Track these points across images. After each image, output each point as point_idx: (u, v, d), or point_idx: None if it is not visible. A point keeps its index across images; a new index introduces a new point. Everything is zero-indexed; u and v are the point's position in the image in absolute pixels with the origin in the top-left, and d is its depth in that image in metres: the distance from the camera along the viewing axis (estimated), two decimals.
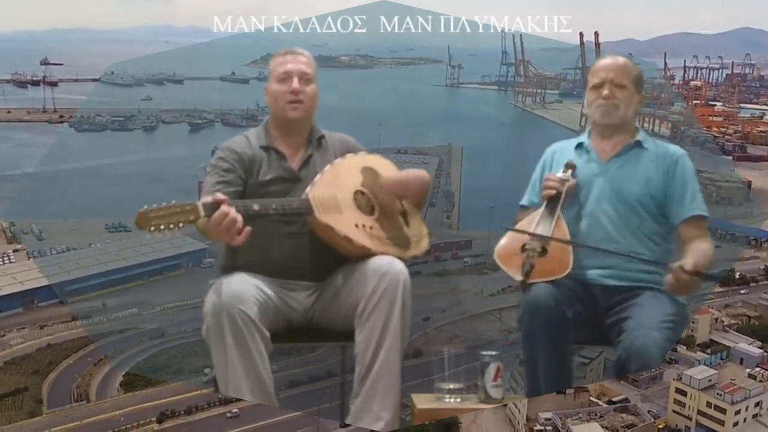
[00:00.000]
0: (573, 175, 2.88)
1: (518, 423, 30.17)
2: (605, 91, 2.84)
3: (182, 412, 31.48)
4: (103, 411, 31.44)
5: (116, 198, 53.11)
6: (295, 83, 2.76)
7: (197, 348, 35.14)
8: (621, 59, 2.93)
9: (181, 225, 2.32)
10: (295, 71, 2.77)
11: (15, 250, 45.98)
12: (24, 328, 37.93)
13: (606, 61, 2.92)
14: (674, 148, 2.90)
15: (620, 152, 2.88)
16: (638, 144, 2.89)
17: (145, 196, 2.33)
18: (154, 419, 31.08)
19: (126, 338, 38.00)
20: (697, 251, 2.67)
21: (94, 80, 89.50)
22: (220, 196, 2.39)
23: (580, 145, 2.97)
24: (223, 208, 2.36)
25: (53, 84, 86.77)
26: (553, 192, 2.84)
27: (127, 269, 43.05)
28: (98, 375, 34.45)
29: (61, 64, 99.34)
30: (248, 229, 2.41)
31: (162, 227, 2.30)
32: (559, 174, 2.89)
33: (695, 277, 2.54)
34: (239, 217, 2.39)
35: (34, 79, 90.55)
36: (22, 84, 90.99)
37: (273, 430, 29.87)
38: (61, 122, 75.04)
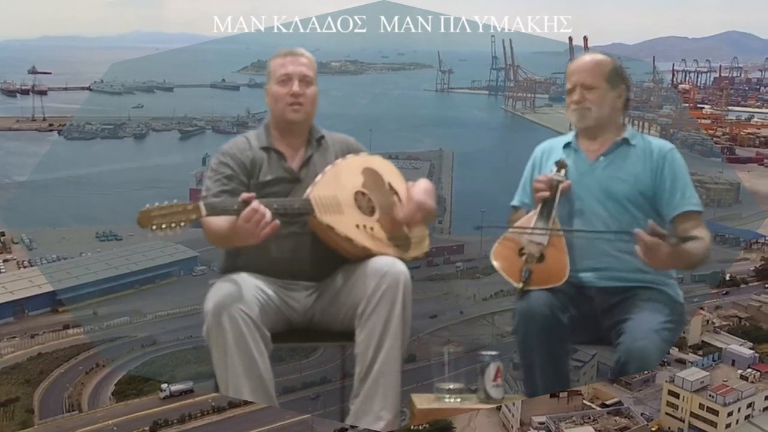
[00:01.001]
0: (566, 174, 2.86)
1: (512, 427, 30.14)
2: (575, 96, 2.83)
3: (175, 421, 31.25)
4: (96, 421, 31.17)
5: (107, 206, 52.90)
6: (296, 86, 2.76)
7: (190, 356, 34.99)
8: (591, 59, 2.87)
9: (182, 224, 2.33)
10: (295, 73, 2.77)
11: (5, 260, 45.70)
12: (14, 337, 37.60)
13: (576, 63, 2.88)
14: (662, 143, 2.86)
15: (607, 151, 2.85)
16: (625, 141, 2.85)
17: (135, 205, 2.33)
18: (147, 428, 30.85)
19: (118, 347, 37.77)
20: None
21: (83, 88, 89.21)
22: (247, 194, 2.44)
23: (567, 145, 2.95)
24: (254, 204, 2.41)
25: (42, 92, 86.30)
26: (547, 194, 2.81)
27: (118, 278, 42.77)
28: (90, 384, 34.17)
29: (50, 73, 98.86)
30: (276, 222, 2.45)
31: (164, 226, 2.31)
32: (553, 174, 2.86)
33: (658, 239, 2.45)
34: (268, 213, 2.43)
35: (23, 87, 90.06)
36: (11, 93, 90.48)
37: None
38: (51, 130, 74.67)
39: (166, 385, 32.78)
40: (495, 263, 2.79)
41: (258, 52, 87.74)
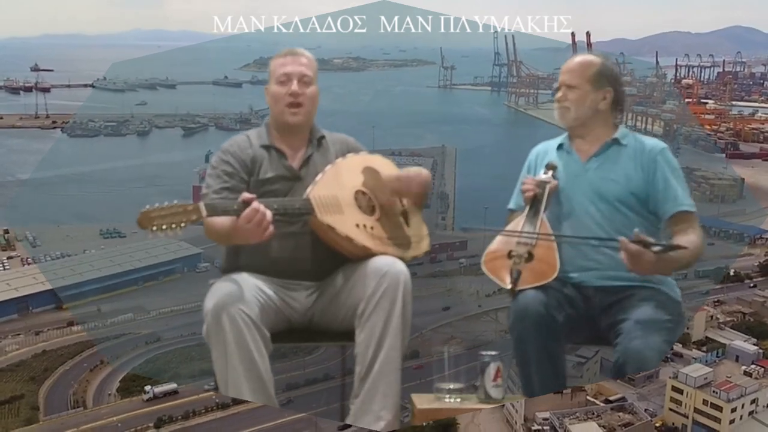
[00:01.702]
0: (554, 175, 2.86)
1: (516, 423, 30.17)
2: (558, 94, 2.86)
3: (179, 418, 31.35)
4: (100, 417, 31.29)
5: (110, 204, 53.04)
6: (294, 86, 2.76)
7: (193, 352, 35.07)
8: (578, 59, 2.88)
9: (183, 225, 2.33)
10: (294, 73, 2.78)
11: (9, 257, 45.83)
12: (19, 334, 37.75)
13: (566, 63, 2.89)
14: (654, 143, 2.83)
15: (599, 151, 2.84)
16: (616, 141, 2.84)
17: (139, 202, 2.34)
18: (151, 425, 30.95)
19: (122, 343, 37.87)
20: (679, 240, 2.61)
21: (86, 86, 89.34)
22: (247, 195, 2.44)
23: (560, 146, 2.95)
24: (254, 204, 2.41)
25: (45, 90, 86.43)
26: (531, 194, 2.81)
27: (122, 275, 42.91)
28: (95, 381, 34.29)
29: (52, 70, 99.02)
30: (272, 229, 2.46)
31: (164, 227, 2.31)
32: (541, 176, 2.87)
33: (643, 248, 2.42)
34: (269, 213, 2.43)
35: (26, 85, 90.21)
36: (14, 90, 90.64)
37: None
38: (54, 128, 74.87)
39: (149, 387, 32.80)
40: (485, 267, 2.79)
41: (260, 49, 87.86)
